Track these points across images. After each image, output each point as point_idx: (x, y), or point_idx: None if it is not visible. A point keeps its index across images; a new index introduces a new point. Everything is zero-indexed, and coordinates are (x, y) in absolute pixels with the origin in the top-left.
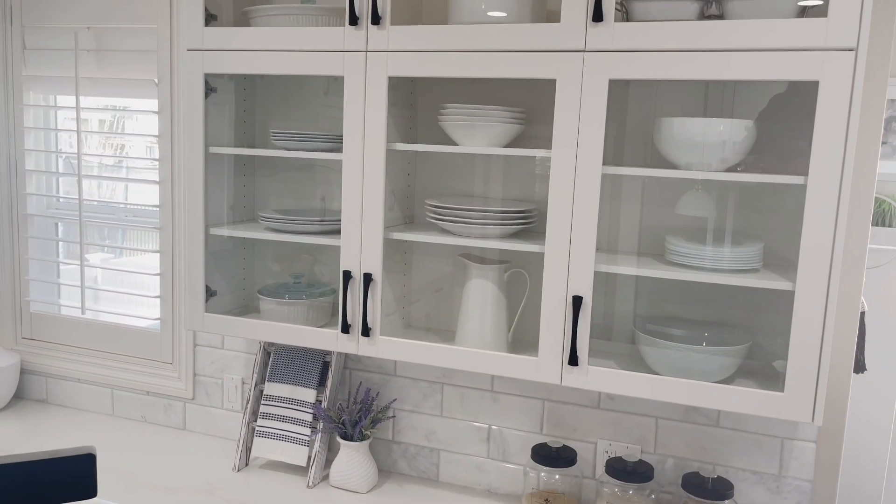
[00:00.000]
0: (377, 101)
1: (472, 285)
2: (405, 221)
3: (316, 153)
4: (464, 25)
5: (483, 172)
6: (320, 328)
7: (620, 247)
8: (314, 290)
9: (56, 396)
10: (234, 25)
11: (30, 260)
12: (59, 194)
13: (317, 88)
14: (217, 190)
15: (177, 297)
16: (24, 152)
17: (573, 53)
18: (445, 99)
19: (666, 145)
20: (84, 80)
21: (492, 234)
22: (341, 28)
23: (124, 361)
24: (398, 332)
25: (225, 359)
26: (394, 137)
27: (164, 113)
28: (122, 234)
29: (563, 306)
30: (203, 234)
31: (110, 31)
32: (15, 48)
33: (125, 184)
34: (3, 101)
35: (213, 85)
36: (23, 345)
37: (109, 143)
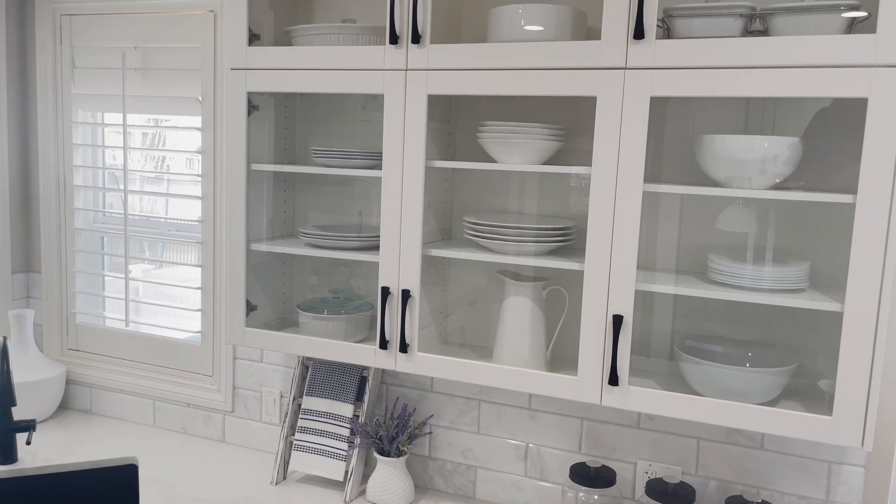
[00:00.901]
0: (417, 119)
1: (509, 302)
2: (442, 237)
3: (356, 170)
4: (503, 44)
5: (521, 188)
6: (358, 343)
7: (660, 264)
8: (352, 305)
9: (100, 407)
10: (277, 44)
11: (76, 273)
12: (104, 209)
13: (355, 104)
14: (258, 205)
15: (217, 310)
16: (73, 168)
17: (614, 71)
18: (483, 115)
19: (707, 162)
20: (130, 97)
21: (530, 252)
22: (381, 47)
23: (166, 373)
24: (435, 348)
25: (264, 372)
26: (432, 155)
27: (206, 130)
28: (163, 247)
29: (603, 325)
30: (244, 250)
31: (156, 51)
32: (65, 67)
33: (166, 198)
34: (52, 119)
35: (255, 103)
36: (68, 356)
37: (151, 157)
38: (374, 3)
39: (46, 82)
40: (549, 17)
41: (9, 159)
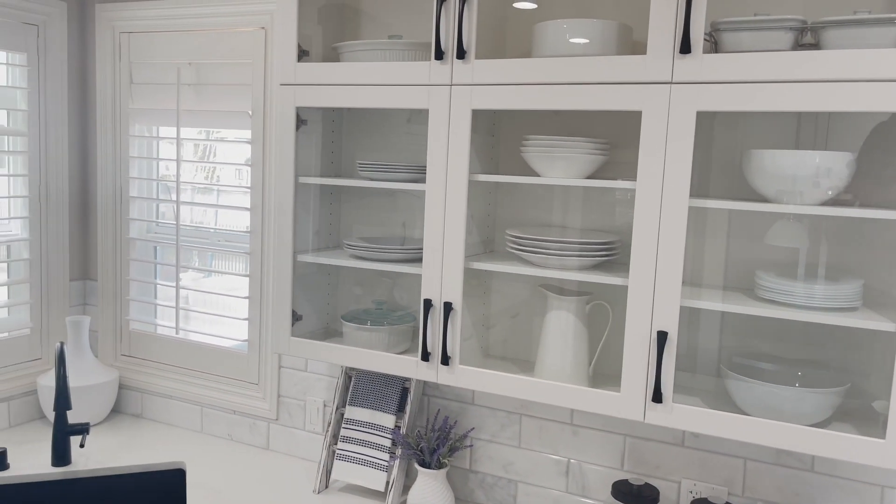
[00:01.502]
0: (461, 133)
1: (552, 316)
2: (485, 249)
3: (400, 183)
4: (547, 58)
5: (564, 202)
6: (400, 354)
7: (706, 280)
8: (395, 316)
9: (150, 411)
10: (325, 60)
11: (130, 281)
12: (157, 219)
13: (401, 117)
14: (304, 217)
15: (264, 319)
16: (129, 180)
17: (659, 85)
18: (527, 128)
19: (756, 178)
20: (184, 112)
21: (573, 266)
22: (427, 63)
23: (213, 381)
24: (477, 361)
25: (308, 381)
26: (476, 168)
27: (256, 143)
28: (212, 256)
29: (647, 342)
30: (291, 262)
31: (209, 66)
32: (123, 83)
33: (216, 209)
34: (111, 133)
35: (303, 117)
36: (122, 361)
37: (202, 169)
38: (420, 19)
39: (105, 97)
40: (593, 31)
41: (69, 172)
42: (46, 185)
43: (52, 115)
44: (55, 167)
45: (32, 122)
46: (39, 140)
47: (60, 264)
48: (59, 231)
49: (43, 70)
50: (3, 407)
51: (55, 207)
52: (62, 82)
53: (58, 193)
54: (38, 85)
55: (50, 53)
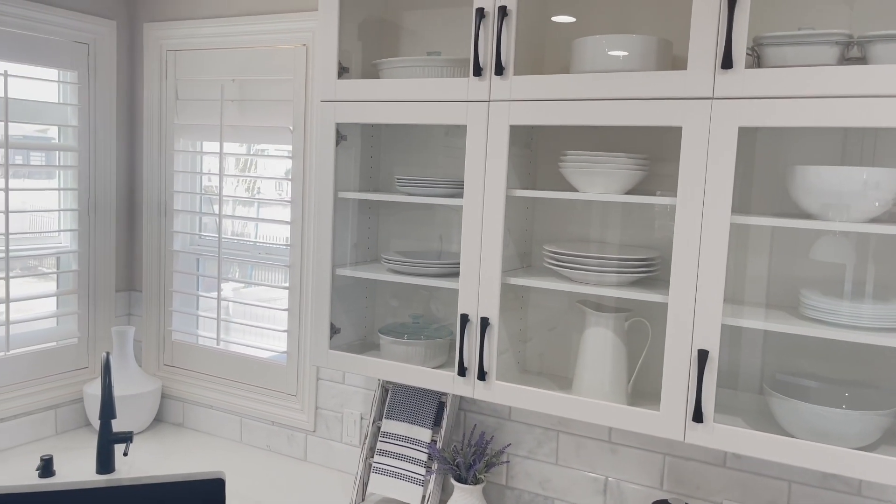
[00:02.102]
0: (498, 149)
1: (590, 333)
2: (522, 264)
3: (438, 198)
4: (586, 74)
5: (603, 217)
6: (437, 368)
7: (748, 297)
8: (432, 330)
9: (191, 421)
10: (364, 76)
11: (174, 292)
12: (200, 232)
13: (439, 131)
14: (343, 230)
15: (303, 332)
16: (173, 194)
17: (700, 101)
18: (565, 143)
19: (801, 194)
20: (227, 127)
21: (611, 282)
22: (465, 79)
23: (253, 391)
24: (514, 376)
25: (345, 393)
26: (514, 184)
27: (297, 158)
28: (251, 268)
29: (687, 360)
30: (330, 275)
31: (252, 83)
32: (168, 99)
33: (257, 222)
34: (157, 147)
35: (343, 133)
36: (164, 371)
37: (244, 183)
38: (458, 35)
39: (152, 113)
40: (633, 46)
41: (116, 185)
42: (95, 198)
43: (101, 131)
44: (103, 181)
45: (82, 137)
46: (89, 155)
47: (107, 275)
48: (106, 243)
49: (93, 87)
50: (50, 414)
51: (103, 220)
52: (111, 99)
53: (105, 206)
54: (88, 101)
55: (100, 71)
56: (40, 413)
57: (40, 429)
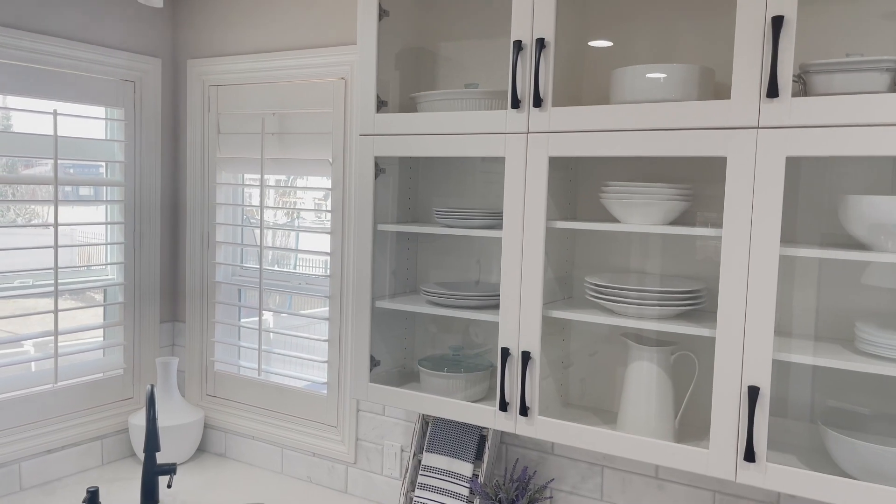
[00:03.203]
0: (538, 181)
1: (635, 367)
2: (563, 296)
3: (476, 230)
4: (627, 105)
5: (645, 247)
6: (478, 402)
7: (798, 330)
8: (472, 363)
9: (233, 451)
10: (402, 109)
11: (216, 323)
12: (241, 263)
13: (475, 160)
14: (381, 261)
15: (343, 363)
16: (215, 226)
17: (745, 130)
18: (606, 172)
19: (853, 224)
20: (268, 160)
21: (656, 315)
22: (503, 111)
23: (294, 422)
24: (556, 410)
25: (385, 425)
26: (553, 215)
27: (336, 189)
28: (290, 298)
29: (737, 397)
30: (370, 308)
31: (292, 116)
32: (211, 133)
33: (297, 254)
34: (199, 180)
35: (382, 166)
36: (207, 401)
37: (285, 214)
38: (495, 66)
39: (195, 147)
40: (674, 76)
41: (160, 218)
42: (140, 231)
43: (146, 166)
44: (148, 214)
45: (129, 172)
46: (135, 189)
47: (152, 307)
48: (151, 275)
49: (139, 123)
50: (97, 445)
51: (148, 253)
52: (156, 134)
53: (150, 239)
54: (134, 137)
55: (145, 107)
56: (87, 444)
57: (87, 459)
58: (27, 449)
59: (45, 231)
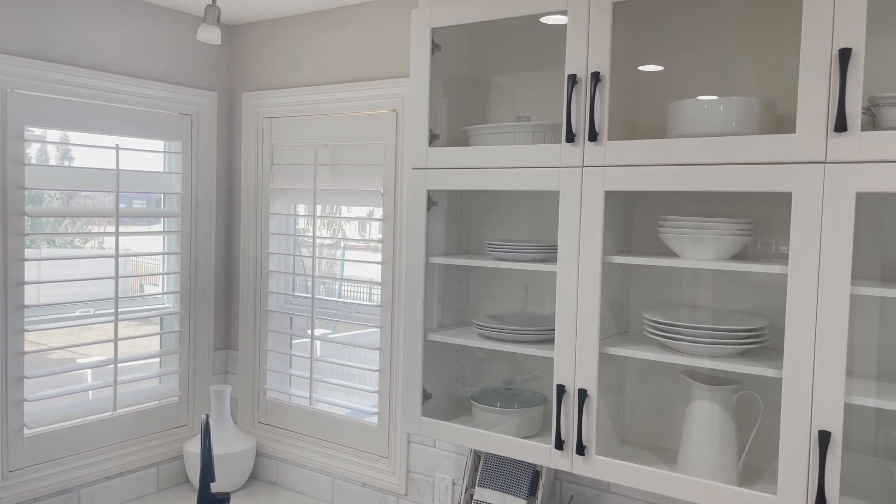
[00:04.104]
0: (593, 215)
1: (696, 406)
2: (618, 331)
3: (530, 263)
4: (685, 139)
5: (705, 283)
6: (531, 438)
7: (871, 370)
8: (525, 398)
9: (285, 480)
10: (453, 142)
11: (268, 351)
12: (293, 292)
13: (524, 193)
14: (431, 293)
15: (393, 393)
16: (268, 255)
17: (812, 165)
18: (663, 206)
19: None
20: (320, 191)
21: (718, 353)
22: (557, 145)
23: (344, 451)
24: (613, 448)
25: (436, 458)
26: (609, 249)
27: (387, 220)
28: (335, 326)
29: (806, 441)
30: (422, 341)
31: (344, 148)
32: (265, 164)
33: (341, 282)
34: (253, 211)
35: (433, 199)
36: (259, 429)
37: (335, 243)
38: (547, 98)
39: (249, 178)
40: (734, 109)
41: (215, 248)
42: (196, 261)
43: (202, 197)
44: (203, 244)
45: (185, 203)
46: (191, 220)
47: (206, 335)
48: (206, 304)
49: (195, 155)
50: (152, 472)
51: (202, 282)
52: (211, 166)
53: (205, 269)
54: (190, 169)
55: (202, 140)
56: (143, 471)
57: (143, 486)
58: (87, 476)
59: (104, 261)
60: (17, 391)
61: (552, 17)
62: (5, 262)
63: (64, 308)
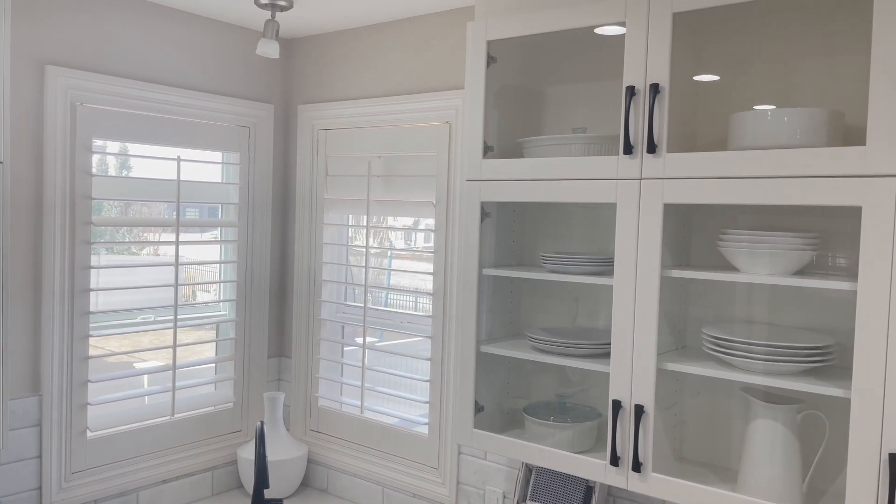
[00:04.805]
0: (651, 228)
1: (757, 425)
2: (676, 346)
3: (584, 276)
4: (749, 151)
5: (767, 298)
6: (584, 453)
7: None
8: (579, 412)
9: (335, 488)
10: (506, 153)
11: (320, 360)
12: (345, 301)
13: (577, 205)
14: (483, 305)
15: (444, 404)
16: (321, 264)
17: (884, 179)
18: (722, 220)
19: None
20: (373, 202)
21: (781, 371)
22: (614, 157)
23: (394, 461)
24: (669, 465)
25: (487, 470)
26: (667, 262)
27: (439, 231)
28: (381, 334)
29: (876, 465)
30: (474, 353)
31: (397, 159)
32: (319, 175)
33: (387, 291)
34: (307, 221)
35: (487, 210)
36: (310, 436)
37: (388, 253)
38: (602, 109)
39: (304, 189)
40: (799, 120)
41: (270, 257)
42: (252, 270)
43: (258, 207)
44: (259, 253)
45: (242, 213)
46: (247, 230)
47: (260, 343)
48: (260, 312)
49: (252, 167)
50: (207, 476)
51: (258, 290)
52: (267, 176)
53: (260, 277)
54: (248, 180)
55: (259, 151)
56: (199, 475)
57: (198, 490)
58: (145, 479)
59: (161, 269)
60: (80, 395)
61: (607, 28)
62: (73, 269)
63: (125, 315)
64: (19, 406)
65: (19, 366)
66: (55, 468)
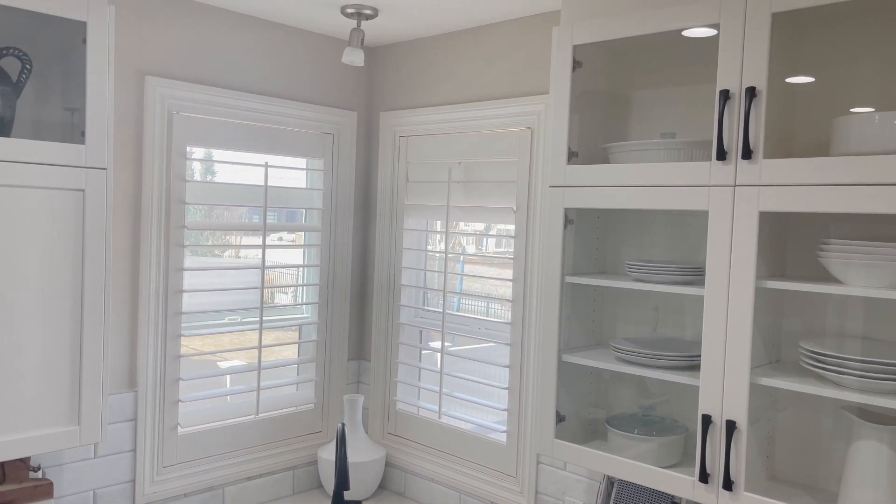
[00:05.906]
0: (746, 237)
1: (861, 446)
2: (770, 359)
3: (673, 286)
4: (856, 157)
5: (870, 312)
6: (670, 468)
7: None
8: (664, 426)
9: (412, 491)
10: (590, 159)
11: (399, 364)
12: (424, 306)
13: (662, 212)
14: (566, 312)
15: (523, 412)
16: (401, 269)
17: None
18: (821, 228)
19: None
20: (453, 207)
21: (888, 390)
22: (707, 163)
23: (472, 468)
24: (761, 484)
25: (567, 481)
26: (761, 273)
27: (519, 237)
28: (454, 339)
29: None
30: (556, 362)
31: (477, 165)
32: (400, 181)
33: (478, 298)
34: (388, 226)
35: (570, 217)
36: (388, 440)
37: (467, 259)
38: (691, 114)
39: (385, 195)
40: None
41: (351, 261)
42: (333, 273)
43: (340, 212)
44: (341, 258)
45: (325, 218)
46: (330, 234)
47: (340, 345)
48: (341, 315)
49: (335, 172)
50: (288, 475)
51: (339, 294)
52: (350, 182)
53: (342, 281)
54: (331, 186)
55: (341, 157)
56: (280, 473)
57: (280, 488)
58: (231, 475)
59: (245, 271)
60: (173, 392)
61: (696, 30)
62: (167, 270)
63: (213, 316)
64: (117, 401)
65: (117, 362)
66: (148, 462)
